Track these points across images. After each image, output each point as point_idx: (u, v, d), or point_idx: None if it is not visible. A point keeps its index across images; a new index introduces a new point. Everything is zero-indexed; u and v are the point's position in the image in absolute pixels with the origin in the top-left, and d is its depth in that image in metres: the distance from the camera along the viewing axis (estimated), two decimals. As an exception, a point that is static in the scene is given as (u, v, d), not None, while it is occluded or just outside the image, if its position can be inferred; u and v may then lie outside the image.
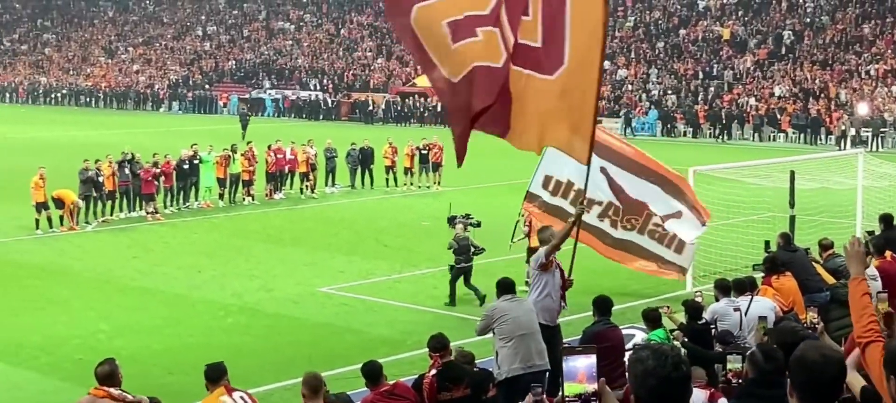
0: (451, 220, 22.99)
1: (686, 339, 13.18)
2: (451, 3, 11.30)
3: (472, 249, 21.32)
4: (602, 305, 13.35)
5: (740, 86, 62.15)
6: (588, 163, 11.88)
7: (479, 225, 22.84)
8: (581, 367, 5.14)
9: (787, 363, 5.36)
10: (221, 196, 33.61)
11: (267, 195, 35.00)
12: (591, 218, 19.43)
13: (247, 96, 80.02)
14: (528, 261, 21.28)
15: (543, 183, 20.06)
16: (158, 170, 31.92)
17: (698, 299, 14.26)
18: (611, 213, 20.01)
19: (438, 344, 11.55)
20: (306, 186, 35.87)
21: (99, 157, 31.51)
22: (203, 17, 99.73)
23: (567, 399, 5.12)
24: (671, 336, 13.35)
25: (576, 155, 11.96)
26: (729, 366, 9.84)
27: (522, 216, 22.03)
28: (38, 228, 28.86)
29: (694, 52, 67.25)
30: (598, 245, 20.43)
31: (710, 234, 23.56)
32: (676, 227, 20.06)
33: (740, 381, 8.99)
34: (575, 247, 13.32)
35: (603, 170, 19.31)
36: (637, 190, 19.87)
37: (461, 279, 21.13)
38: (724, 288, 14.28)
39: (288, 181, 35.93)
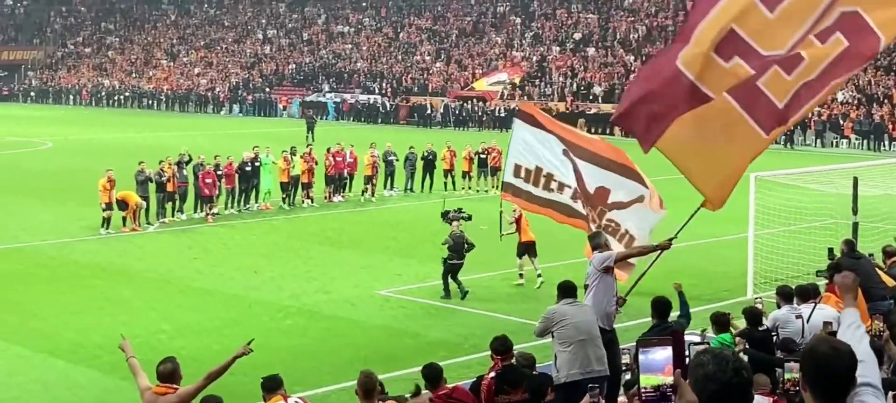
0: (445, 216, 23.64)
1: (747, 345, 13.03)
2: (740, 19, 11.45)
3: (466, 246, 21.94)
4: (661, 307, 13.20)
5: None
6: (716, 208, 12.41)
7: (469, 218, 23.62)
8: (658, 359, 5.13)
9: None
10: (284, 199, 33.77)
11: (326, 198, 35.14)
12: (565, 198, 19.56)
13: (306, 99, 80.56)
14: (519, 256, 23.26)
15: (514, 171, 20.15)
16: (220, 172, 32.17)
17: (759, 306, 14.09)
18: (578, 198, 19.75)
19: (501, 347, 11.45)
20: (368, 189, 35.94)
21: (161, 159, 31.83)
22: (263, 21, 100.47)
23: (644, 390, 5.11)
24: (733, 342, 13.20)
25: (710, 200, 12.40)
26: (786, 376, 9.69)
27: (514, 210, 23.08)
28: (103, 227, 29.17)
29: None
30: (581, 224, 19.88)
31: (771, 240, 23.33)
32: (632, 217, 19.74)
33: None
34: (642, 275, 13.26)
35: (565, 152, 19.49)
36: (597, 179, 19.56)
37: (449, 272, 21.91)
38: (787, 296, 14.09)
39: (347, 184, 36.05)
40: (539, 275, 23.42)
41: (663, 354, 5.14)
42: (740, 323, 13.99)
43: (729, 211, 29.42)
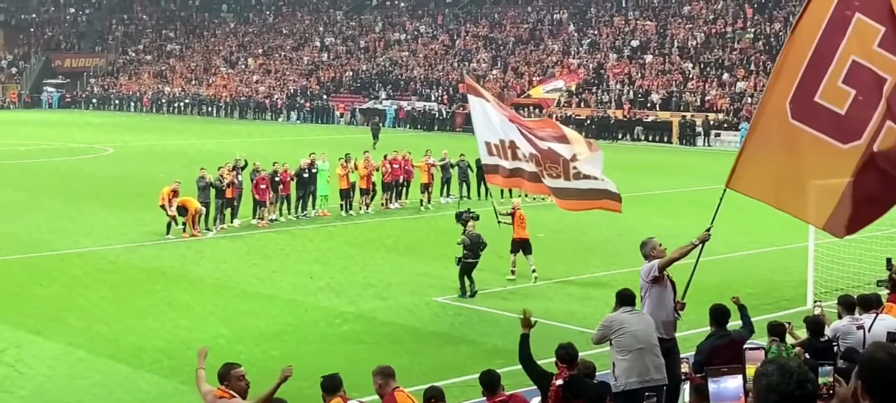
0: (459, 217, 24.59)
1: (807, 356, 12.93)
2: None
3: (481, 246, 22.74)
4: (719, 315, 13.13)
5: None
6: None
7: (477, 218, 24.39)
8: (730, 388, 5.07)
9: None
10: (341, 206, 33.96)
11: (383, 205, 35.29)
12: (530, 166, 20.90)
13: (364, 107, 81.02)
14: (512, 252, 24.26)
15: (487, 151, 21.40)
16: (277, 179, 32.43)
17: (818, 312, 14.02)
18: (540, 164, 20.90)
19: (567, 355, 11.37)
20: (425, 196, 36.09)
21: (220, 165, 32.16)
22: (321, 28, 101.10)
23: None
24: (791, 352, 13.11)
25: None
26: (820, 380, 9.57)
27: (514, 196, 25.67)
28: (168, 233, 29.54)
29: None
30: (548, 193, 21.72)
31: (831, 250, 23.09)
32: (590, 163, 20.78)
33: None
34: (693, 273, 13.18)
35: (511, 119, 21.33)
36: (544, 144, 20.74)
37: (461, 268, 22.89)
38: (849, 305, 13.96)
39: (404, 191, 36.18)
40: (534, 271, 24.33)
41: (734, 383, 5.09)
42: (802, 333, 13.88)
43: (790, 219, 29.17)
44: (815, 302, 16.40)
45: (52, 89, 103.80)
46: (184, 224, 29.95)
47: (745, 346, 12.45)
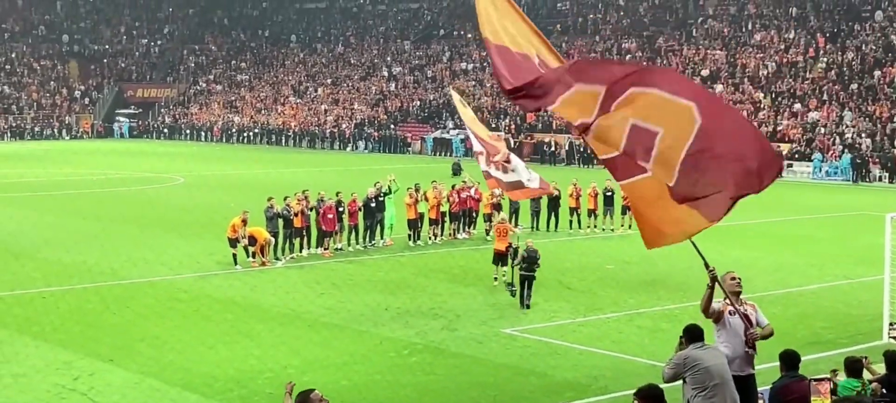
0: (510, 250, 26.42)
1: (884, 391, 12.69)
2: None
3: (538, 263, 24.44)
4: (788, 360, 12.97)
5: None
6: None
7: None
8: None
9: None
10: (410, 236, 34.02)
11: (451, 235, 35.30)
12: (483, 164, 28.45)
13: (432, 136, 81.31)
14: (494, 263, 27.54)
15: (486, 161, 28.36)
16: (341, 209, 32.55)
17: (893, 335, 13.77)
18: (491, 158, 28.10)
19: (651, 396, 10.95)
20: (490, 227, 36.09)
21: (286, 194, 32.37)
22: (389, 58, 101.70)
23: None
24: (869, 388, 12.86)
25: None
26: None
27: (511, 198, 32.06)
28: (236, 263, 29.78)
29: (889, 94, 64.93)
30: (504, 187, 29.05)
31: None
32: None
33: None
34: (749, 311, 13.04)
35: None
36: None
37: (513, 283, 25.12)
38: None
39: (472, 221, 36.17)
40: (496, 279, 27.27)
41: None
42: (880, 368, 13.62)
43: (864, 252, 28.87)
44: (892, 324, 16.07)
45: (124, 119, 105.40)
46: (253, 253, 30.16)
47: (811, 378, 12.31)
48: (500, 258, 27.08)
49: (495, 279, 27.31)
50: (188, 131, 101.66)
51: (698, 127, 11.44)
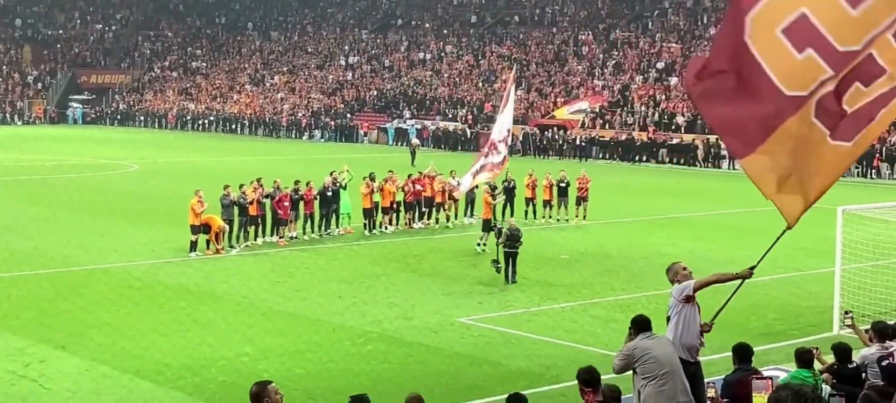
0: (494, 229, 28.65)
1: (834, 381, 12.86)
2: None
3: (520, 241, 26.28)
4: (741, 352, 13.11)
5: (892, 126, 60.40)
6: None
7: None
8: None
9: None
10: (365, 225, 34.00)
11: (407, 224, 35.31)
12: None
13: (385, 127, 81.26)
14: (483, 230, 30.98)
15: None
16: (298, 197, 32.45)
17: (849, 323, 14.10)
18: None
19: (592, 379, 11.26)
20: (443, 216, 36.17)
21: (242, 183, 32.23)
22: (346, 47, 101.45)
23: None
24: (820, 379, 13.01)
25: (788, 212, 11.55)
26: None
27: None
28: (192, 251, 29.60)
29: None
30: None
31: (858, 276, 22.98)
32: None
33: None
34: (728, 301, 13.09)
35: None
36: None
37: (499, 259, 26.41)
38: (882, 332, 13.85)
39: (428, 211, 36.20)
40: (478, 245, 30.85)
41: None
42: (830, 359, 13.80)
43: (815, 243, 29.14)
44: (847, 312, 16.26)
45: (77, 105, 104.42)
46: (207, 241, 30.01)
47: (753, 377, 12.43)
48: (486, 224, 31.07)
49: (478, 245, 30.94)
50: (143, 118, 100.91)
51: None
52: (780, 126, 10.65)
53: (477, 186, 32.46)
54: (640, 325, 12.35)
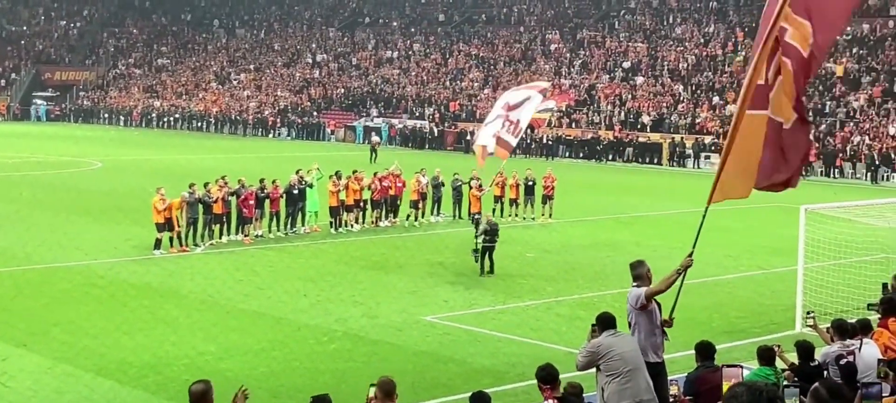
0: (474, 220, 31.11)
1: (796, 379, 12.90)
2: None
3: (497, 235, 27.35)
4: (704, 350, 13.19)
5: (853, 125, 60.88)
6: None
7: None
8: None
9: None
10: (331, 223, 33.91)
11: (373, 222, 35.25)
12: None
13: (353, 124, 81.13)
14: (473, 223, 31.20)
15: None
16: (264, 194, 32.30)
17: (811, 322, 14.20)
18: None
19: (549, 376, 11.34)
20: (413, 214, 36.14)
21: (207, 181, 32.03)
22: (313, 45, 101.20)
23: None
24: (782, 377, 13.06)
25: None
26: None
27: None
28: (156, 248, 29.38)
29: (806, 89, 65.89)
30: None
31: (820, 274, 23.14)
32: (524, 111, 33.28)
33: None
34: (679, 291, 13.15)
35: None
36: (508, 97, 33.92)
37: (479, 249, 27.19)
38: (842, 330, 13.92)
39: (394, 209, 36.15)
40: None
41: None
42: (792, 357, 13.86)
43: (778, 242, 29.34)
44: (809, 312, 16.36)
45: (41, 102, 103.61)
46: (170, 239, 29.83)
47: (723, 365, 12.51)
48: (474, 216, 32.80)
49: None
50: (107, 115, 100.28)
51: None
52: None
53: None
54: (605, 322, 12.37)
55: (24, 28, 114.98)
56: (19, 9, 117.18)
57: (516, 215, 37.30)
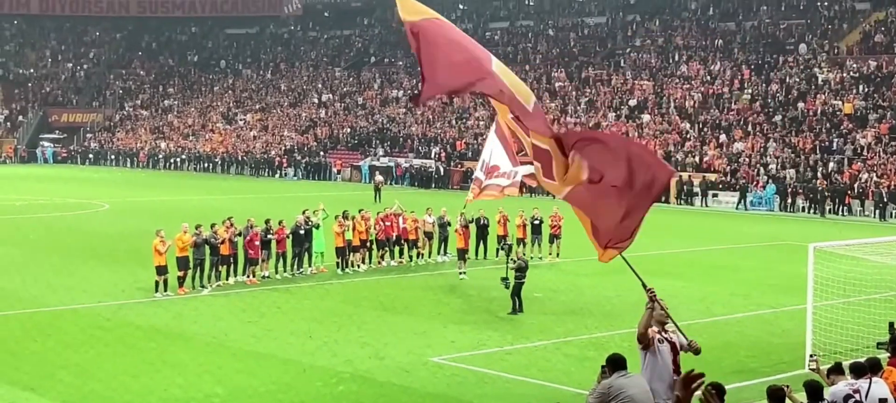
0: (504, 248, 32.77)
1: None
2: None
3: (526, 270, 27.54)
4: (614, 362, 12.76)
5: (860, 162, 60.82)
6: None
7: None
8: None
9: None
10: (338, 263, 33.86)
11: (379, 262, 35.20)
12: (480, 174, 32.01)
13: (358, 164, 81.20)
14: (459, 258, 33.31)
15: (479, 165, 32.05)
16: (269, 237, 32.26)
17: (813, 366, 14.14)
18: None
19: None
20: (416, 254, 36.10)
21: (213, 222, 32.01)
22: (319, 85, 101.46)
23: None
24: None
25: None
26: None
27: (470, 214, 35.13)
28: (156, 291, 29.37)
29: (813, 126, 66.02)
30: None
31: (829, 312, 23.02)
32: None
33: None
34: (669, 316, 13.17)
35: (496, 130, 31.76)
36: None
37: (510, 279, 27.53)
38: (853, 369, 13.82)
39: (400, 249, 36.12)
40: (462, 274, 32.61)
41: None
42: (801, 397, 13.76)
43: (787, 281, 29.22)
44: (812, 356, 16.28)
45: (48, 144, 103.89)
46: (180, 278, 29.78)
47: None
48: (462, 253, 33.29)
49: (461, 275, 32.71)
50: (114, 157, 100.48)
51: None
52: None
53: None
54: (616, 363, 12.30)
55: (32, 70, 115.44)
56: (26, 51, 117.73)
57: (523, 254, 37.14)
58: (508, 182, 31.30)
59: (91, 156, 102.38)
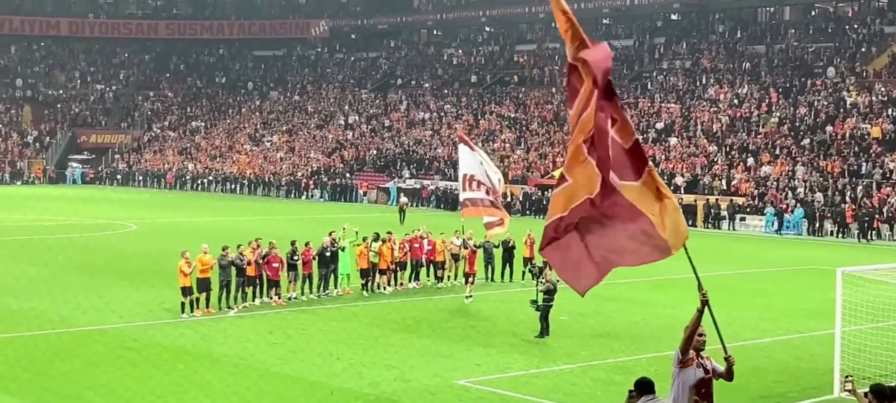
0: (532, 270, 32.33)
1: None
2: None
3: (556, 291, 26.83)
4: (642, 386, 12.79)
5: (889, 186, 60.44)
6: None
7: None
8: None
9: None
10: (363, 285, 33.90)
11: (401, 284, 35.23)
12: (480, 193, 33.29)
13: (384, 186, 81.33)
14: (465, 280, 33.55)
15: (462, 184, 33.66)
16: (295, 259, 32.33)
17: (848, 387, 14.04)
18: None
19: None
20: (442, 276, 36.08)
21: (239, 243, 32.10)
22: (346, 107, 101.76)
23: None
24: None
25: None
26: None
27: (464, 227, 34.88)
28: (183, 312, 29.49)
29: (841, 150, 65.68)
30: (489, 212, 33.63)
31: (858, 337, 22.86)
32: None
33: None
34: (718, 329, 13.10)
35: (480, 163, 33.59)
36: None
37: (539, 302, 27.18)
38: (880, 395, 13.70)
39: (427, 271, 36.13)
40: (469, 298, 32.47)
41: None
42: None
43: (815, 305, 29.03)
44: (847, 376, 16.14)
45: (76, 165, 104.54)
46: (199, 299, 29.85)
47: None
48: (467, 276, 33.12)
49: (468, 297, 32.52)
50: (142, 178, 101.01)
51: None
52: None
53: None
54: (644, 387, 12.31)
55: (61, 92, 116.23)
56: (56, 73, 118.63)
57: (552, 277, 37.06)
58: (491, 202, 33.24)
59: (119, 177, 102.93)
